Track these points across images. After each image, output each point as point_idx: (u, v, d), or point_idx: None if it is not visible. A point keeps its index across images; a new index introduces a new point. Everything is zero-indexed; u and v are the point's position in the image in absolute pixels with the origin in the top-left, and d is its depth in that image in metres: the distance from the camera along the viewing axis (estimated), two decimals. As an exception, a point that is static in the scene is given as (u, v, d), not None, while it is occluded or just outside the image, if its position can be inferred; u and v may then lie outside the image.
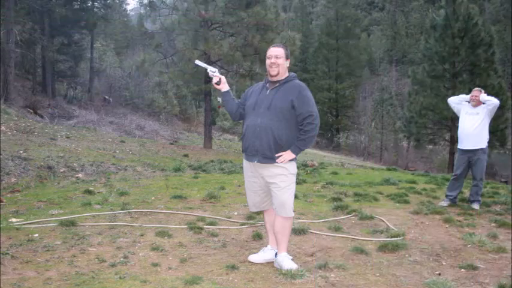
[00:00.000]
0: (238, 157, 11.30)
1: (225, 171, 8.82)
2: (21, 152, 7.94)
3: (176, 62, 15.82)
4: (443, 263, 3.63)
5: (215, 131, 24.12)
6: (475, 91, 5.89)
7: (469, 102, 5.94)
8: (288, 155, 3.26)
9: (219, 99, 3.88)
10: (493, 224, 4.98)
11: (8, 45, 15.66)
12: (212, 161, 10.54)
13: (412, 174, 10.07)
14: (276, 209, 3.36)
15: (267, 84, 3.40)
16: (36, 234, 3.99)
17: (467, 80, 16.39)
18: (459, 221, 5.07)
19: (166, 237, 4.07)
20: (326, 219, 4.98)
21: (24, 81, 23.36)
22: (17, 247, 3.63)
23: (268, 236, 3.59)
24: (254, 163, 3.34)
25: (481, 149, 5.79)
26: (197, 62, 3.65)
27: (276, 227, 3.39)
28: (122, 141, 12.81)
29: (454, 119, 14.62)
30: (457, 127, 6.08)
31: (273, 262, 3.44)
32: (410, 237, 4.33)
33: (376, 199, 6.31)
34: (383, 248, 3.92)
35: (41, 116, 16.49)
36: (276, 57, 3.30)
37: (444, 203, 6.00)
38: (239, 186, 6.90)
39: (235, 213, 5.15)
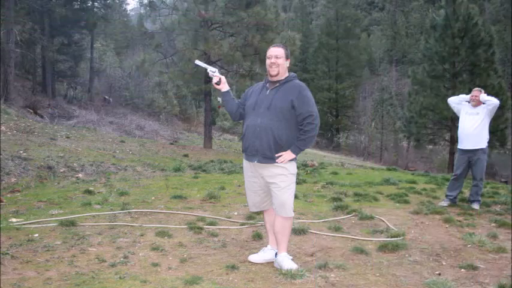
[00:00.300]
0: (238, 157, 11.30)
1: (225, 171, 8.82)
2: (21, 152, 7.94)
3: (176, 62, 15.82)
4: (443, 263, 3.63)
5: (215, 131, 24.13)
6: (475, 91, 5.89)
7: (469, 102, 5.94)
8: (288, 155, 3.26)
9: (219, 99, 3.88)
10: (493, 224, 4.98)
11: (8, 45, 15.67)
12: (212, 161, 10.55)
13: (412, 174, 10.07)
14: (276, 209, 3.36)
15: (267, 84, 3.40)
16: (36, 234, 3.99)
17: (467, 80, 16.40)
18: (459, 221, 5.07)
19: (166, 237, 4.07)
20: (326, 219, 4.98)
21: (24, 81, 23.36)
22: (17, 247, 3.63)
23: (268, 236, 3.59)
24: (254, 163, 3.34)
25: (481, 149, 5.79)
26: (197, 62, 3.65)
27: (276, 227, 3.39)
28: (122, 141, 12.81)
29: (454, 119, 14.62)
30: (457, 127, 6.08)
31: (273, 262, 3.44)
32: (410, 237, 4.33)
33: (376, 199, 6.31)
34: (383, 248, 3.92)
35: (41, 116, 16.50)
36: (276, 57, 3.30)
37: (444, 203, 5.99)
38: (239, 186, 6.90)
39: (235, 213, 5.15)
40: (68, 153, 8.84)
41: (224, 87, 3.43)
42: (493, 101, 5.72)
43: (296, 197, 5.10)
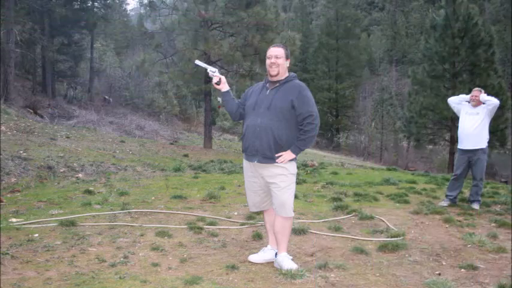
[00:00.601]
0: (238, 157, 11.30)
1: (225, 171, 8.82)
2: (21, 152, 7.94)
3: (176, 62, 15.82)
4: (443, 263, 3.63)
5: (215, 131, 24.13)
6: (475, 91, 5.89)
7: (469, 102, 5.94)
8: (288, 155, 3.26)
9: (219, 99, 3.88)
10: (493, 224, 4.98)
11: (8, 45, 15.67)
12: (212, 161, 10.55)
13: (412, 174, 10.07)
14: (276, 209, 3.36)
15: (267, 84, 3.40)
16: (36, 234, 3.99)
17: (467, 80, 16.40)
18: (459, 221, 5.07)
19: (166, 237, 4.07)
20: (326, 219, 4.98)
21: (24, 81, 23.36)
22: (17, 247, 3.63)
23: (268, 236, 3.59)
24: (254, 163, 3.34)
25: (481, 149, 5.79)
26: (197, 62, 3.65)
27: (276, 227, 3.38)
28: (122, 141, 12.81)
29: (454, 119, 14.62)
30: (457, 127, 6.08)
31: (273, 262, 3.44)
32: (410, 237, 4.33)
33: (376, 199, 6.31)
34: (383, 248, 3.92)
35: (41, 116, 16.50)
36: (276, 57, 3.30)
37: (444, 203, 6.00)
38: (239, 186, 6.90)
39: (235, 213, 5.15)
40: (68, 153, 8.84)
41: (224, 87, 3.43)
42: (493, 101, 5.72)
43: (296, 197, 5.10)
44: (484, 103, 5.79)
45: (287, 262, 3.30)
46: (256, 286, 3.03)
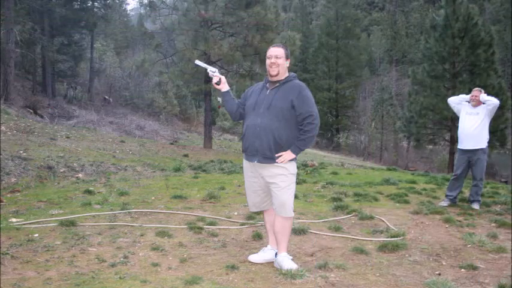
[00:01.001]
0: (238, 157, 11.30)
1: (225, 171, 8.82)
2: (21, 152, 7.94)
3: (176, 62, 15.85)
4: (443, 263, 3.63)
5: (215, 131, 24.13)
6: (475, 91, 5.89)
7: (469, 102, 5.94)
8: (288, 155, 3.26)
9: (219, 99, 3.89)
10: (493, 224, 4.98)
11: (8, 45, 15.68)
12: (212, 161, 10.55)
13: (412, 174, 10.07)
14: (276, 209, 3.36)
15: (267, 84, 3.40)
16: (36, 234, 3.99)
17: (467, 80, 16.38)
18: (459, 221, 5.07)
19: (166, 237, 4.07)
20: (326, 219, 4.98)
21: (24, 81, 23.37)
22: (17, 247, 3.63)
23: (268, 236, 3.59)
24: (254, 163, 3.34)
25: (481, 149, 5.79)
26: (197, 62, 3.65)
27: (276, 227, 3.38)
28: (122, 141, 12.81)
29: (454, 119, 14.62)
30: (457, 127, 6.08)
31: (273, 262, 3.44)
32: (410, 237, 4.33)
33: (376, 199, 6.31)
34: (383, 248, 3.92)
35: (41, 116, 16.51)
36: (276, 57, 3.30)
37: (444, 203, 6.00)
38: (239, 186, 6.90)
39: (235, 213, 5.15)
40: (68, 153, 8.84)
41: (224, 87, 3.43)
42: (493, 101, 5.72)
43: (296, 197, 5.10)
44: (484, 103, 5.79)
45: (287, 262, 3.30)
46: (256, 286, 3.03)
